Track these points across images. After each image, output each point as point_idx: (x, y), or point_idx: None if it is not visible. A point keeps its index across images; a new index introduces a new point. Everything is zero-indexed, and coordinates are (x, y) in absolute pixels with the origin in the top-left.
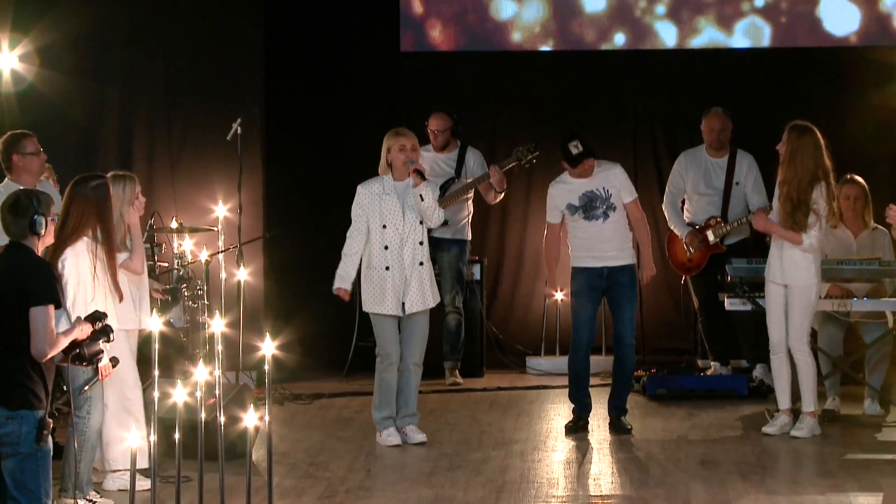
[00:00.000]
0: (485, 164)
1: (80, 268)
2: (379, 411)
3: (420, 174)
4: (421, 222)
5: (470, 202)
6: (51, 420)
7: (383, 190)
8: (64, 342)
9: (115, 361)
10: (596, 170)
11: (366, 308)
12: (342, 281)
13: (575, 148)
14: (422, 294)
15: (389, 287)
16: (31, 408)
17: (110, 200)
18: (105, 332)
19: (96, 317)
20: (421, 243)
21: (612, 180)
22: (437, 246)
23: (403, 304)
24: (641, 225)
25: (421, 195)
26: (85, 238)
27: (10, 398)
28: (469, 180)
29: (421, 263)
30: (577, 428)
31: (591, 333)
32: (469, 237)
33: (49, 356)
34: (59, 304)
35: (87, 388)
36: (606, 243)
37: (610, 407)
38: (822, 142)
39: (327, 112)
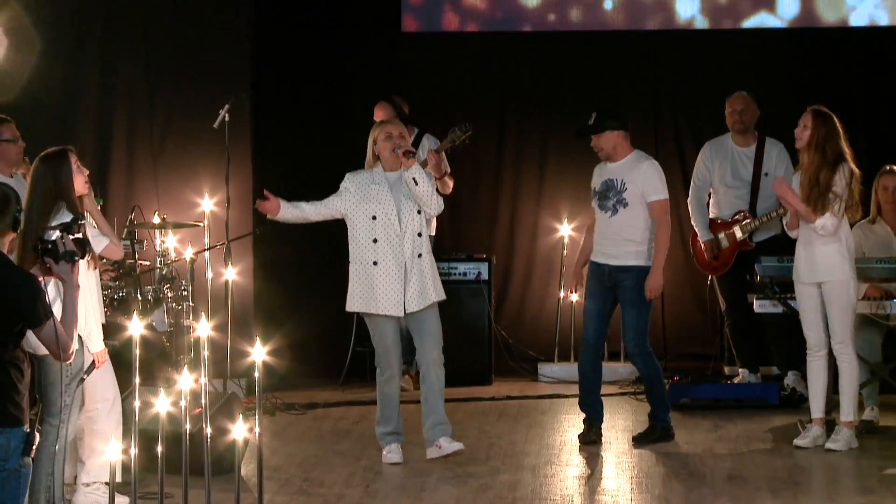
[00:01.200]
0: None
1: None
2: (380, 426)
3: (411, 154)
4: (419, 212)
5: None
6: (37, 433)
7: (373, 179)
8: (74, 331)
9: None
10: (626, 158)
11: (350, 307)
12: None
13: (588, 119)
14: (422, 289)
15: (380, 284)
16: (19, 423)
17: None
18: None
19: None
20: (419, 234)
21: (636, 174)
22: None
23: (404, 302)
24: (660, 230)
25: (414, 179)
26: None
27: (1, 414)
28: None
29: (420, 255)
30: (590, 438)
31: (596, 331)
32: (433, 232)
33: (72, 350)
34: (51, 312)
35: (85, 375)
36: (608, 239)
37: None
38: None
39: (322, 97)
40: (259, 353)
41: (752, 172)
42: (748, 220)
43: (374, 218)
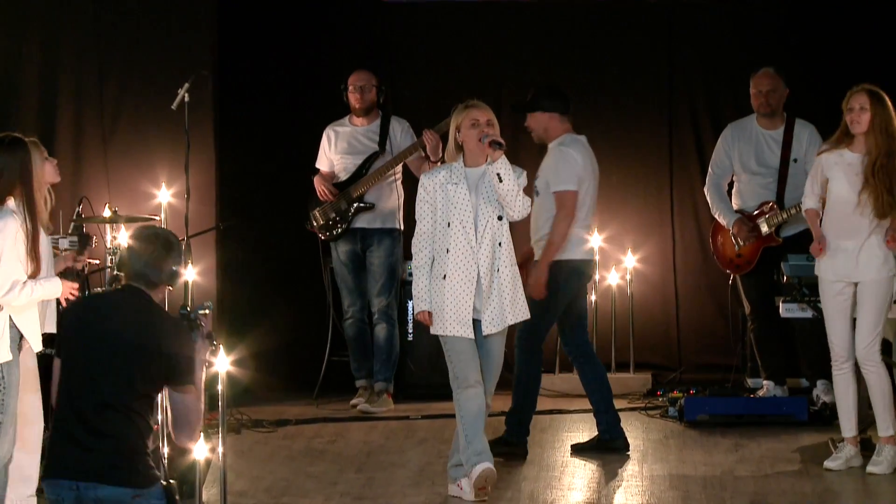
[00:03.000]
0: (413, 134)
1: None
2: (467, 449)
3: (498, 145)
4: (500, 217)
5: (399, 183)
6: (174, 482)
7: (450, 178)
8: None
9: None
10: (552, 144)
11: (432, 330)
12: (422, 302)
13: (527, 95)
14: (500, 310)
15: (449, 300)
16: (155, 480)
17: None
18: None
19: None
20: (500, 244)
21: (546, 161)
22: (363, 238)
23: (477, 321)
24: (555, 223)
25: (499, 174)
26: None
27: (136, 474)
28: (396, 153)
29: (499, 270)
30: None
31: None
32: (401, 226)
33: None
34: (199, 380)
35: None
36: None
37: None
38: None
39: (293, 75)
40: (222, 363)
41: (780, 158)
42: (774, 213)
43: (449, 224)
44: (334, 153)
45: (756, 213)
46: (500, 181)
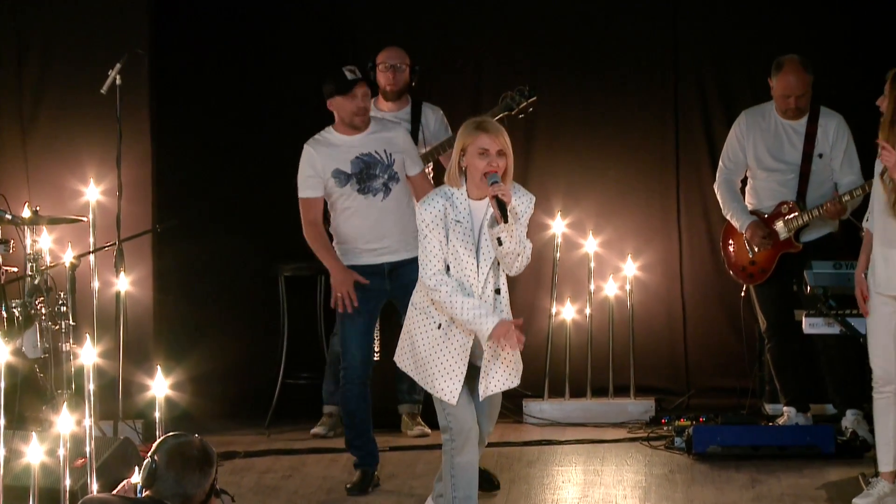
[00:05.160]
0: (448, 124)
1: None
2: None
3: (502, 206)
4: (498, 263)
5: (430, 181)
6: None
7: (452, 211)
8: None
9: None
10: (374, 124)
11: (402, 364)
12: (487, 317)
13: (350, 73)
14: (505, 368)
15: (443, 355)
16: None
17: None
18: None
19: None
20: (497, 291)
21: (397, 141)
22: None
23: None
24: None
25: (499, 238)
26: None
27: None
28: (429, 147)
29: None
30: (364, 486)
31: (365, 355)
32: None
33: None
34: None
35: None
36: (388, 229)
37: None
38: None
39: (245, 53)
40: (160, 386)
41: (802, 152)
42: (795, 214)
43: (448, 268)
44: None
45: (773, 214)
46: (501, 245)
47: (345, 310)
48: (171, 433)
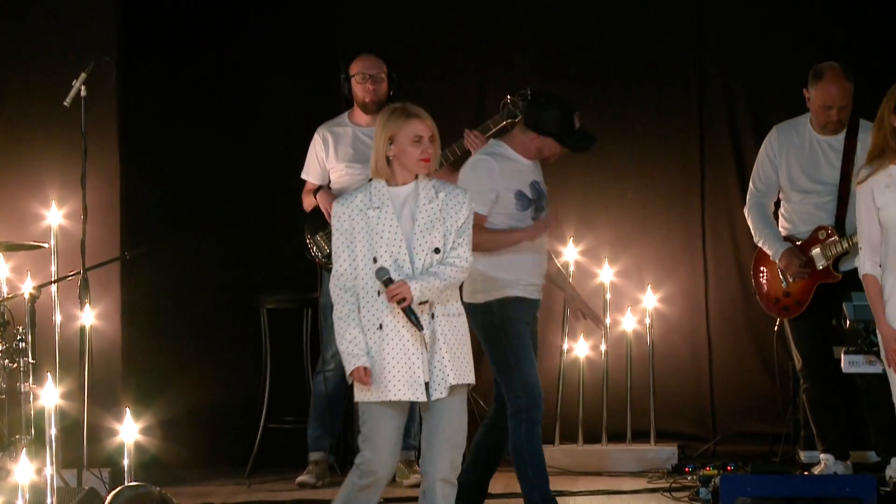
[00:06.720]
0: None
1: None
2: None
3: (411, 314)
4: (437, 251)
5: None
6: None
7: (370, 201)
8: None
9: None
10: None
11: (357, 395)
12: (357, 356)
13: (578, 120)
14: (453, 363)
15: (392, 356)
16: None
17: None
18: None
19: None
20: (437, 251)
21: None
22: None
23: (427, 383)
24: None
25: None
26: None
27: None
28: None
29: (434, 316)
30: None
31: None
32: None
33: None
34: None
35: None
36: (543, 265)
37: None
38: None
39: (223, 64)
40: (129, 431)
41: (840, 171)
42: (833, 240)
43: (375, 260)
44: (335, 161)
45: (810, 240)
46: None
47: (519, 337)
48: (128, 484)
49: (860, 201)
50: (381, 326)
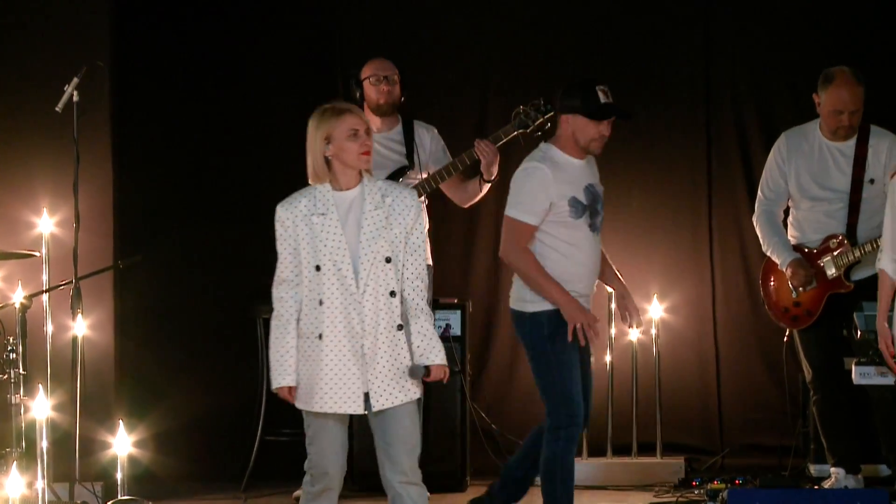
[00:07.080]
0: (444, 144)
1: None
2: None
3: (417, 372)
4: (388, 259)
5: (425, 208)
6: None
7: (314, 207)
8: None
9: None
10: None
11: (298, 401)
12: (285, 374)
13: (604, 95)
14: (396, 378)
15: (329, 367)
16: None
17: None
18: None
19: None
20: (392, 293)
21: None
22: None
23: (367, 394)
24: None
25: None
26: None
27: None
28: (427, 172)
29: (399, 327)
30: None
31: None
32: (430, 262)
33: None
34: None
35: None
36: (595, 276)
37: None
38: None
39: (219, 69)
40: (123, 443)
41: (851, 178)
42: (844, 249)
43: (319, 268)
44: None
45: (820, 249)
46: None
47: (566, 352)
48: (121, 498)
49: (890, 197)
50: (320, 336)
